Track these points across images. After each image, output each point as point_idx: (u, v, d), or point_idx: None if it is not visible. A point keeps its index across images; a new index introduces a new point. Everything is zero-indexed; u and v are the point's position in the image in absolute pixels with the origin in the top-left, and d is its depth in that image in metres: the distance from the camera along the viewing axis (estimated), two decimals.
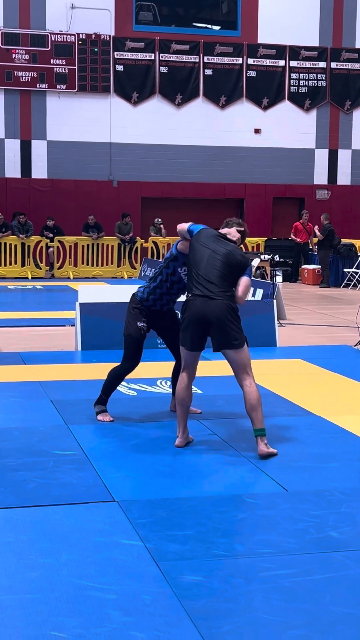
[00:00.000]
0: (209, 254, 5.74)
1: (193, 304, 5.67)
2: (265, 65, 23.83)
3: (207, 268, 5.69)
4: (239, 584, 3.77)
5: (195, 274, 5.73)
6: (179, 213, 22.92)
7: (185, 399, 5.87)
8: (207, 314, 5.61)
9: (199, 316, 5.64)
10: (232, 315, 5.68)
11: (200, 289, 5.67)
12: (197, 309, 5.64)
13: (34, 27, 22.25)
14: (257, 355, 9.69)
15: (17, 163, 22.56)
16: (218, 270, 5.68)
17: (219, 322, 5.62)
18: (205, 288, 5.65)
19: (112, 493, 4.90)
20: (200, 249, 5.79)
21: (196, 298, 5.66)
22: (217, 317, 5.60)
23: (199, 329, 5.69)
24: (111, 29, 22.72)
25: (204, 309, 5.62)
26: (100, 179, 22.96)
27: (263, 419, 5.71)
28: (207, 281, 5.65)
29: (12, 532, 4.31)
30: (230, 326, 5.66)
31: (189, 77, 23.39)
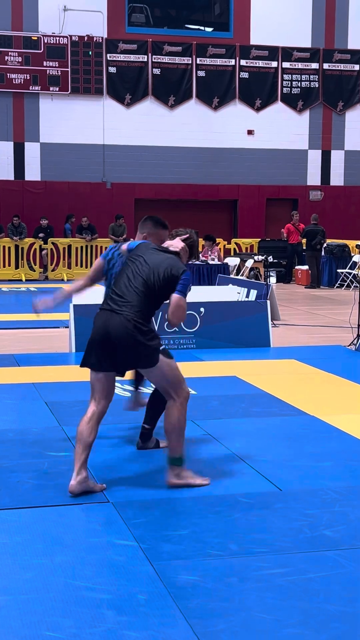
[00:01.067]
0: (133, 267, 5.03)
1: (96, 319, 4.99)
2: (257, 66, 23.88)
3: (122, 281, 5.00)
4: (234, 583, 3.78)
5: (112, 288, 5.08)
6: (173, 214, 22.93)
7: (84, 434, 4.92)
8: (109, 331, 4.86)
9: (100, 332, 4.90)
10: (138, 331, 4.84)
11: (109, 302, 4.98)
12: (99, 324, 4.93)
13: (27, 29, 22.26)
14: (251, 355, 9.74)
15: (10, 165, 22.56)
16: (134, 284, 4.94)
17: (121, 340, 4.83)
18: (113, 302, 4.94)
19: (107, 494, 4.90)
20: (126, 263, 5.14)
21: (100, 312, 4.98)
22: (117, 335, 4.84)
23: (101, 346, 4.89)
24: (104, 30, 22.74)
25: (106, 325, 4.88)
26: (93, 181, 22.97)
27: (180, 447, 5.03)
28: (118, 294, 4.95)
29: (6, 533, 4.32)
30: (135, 345, 4.85)
31: (182, 79, 23.42)
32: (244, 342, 10.24)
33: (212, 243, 17.70)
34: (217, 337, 10.19)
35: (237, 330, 10.29)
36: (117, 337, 4.82)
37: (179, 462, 4.99)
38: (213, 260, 16.87)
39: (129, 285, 4.93)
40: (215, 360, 9.43)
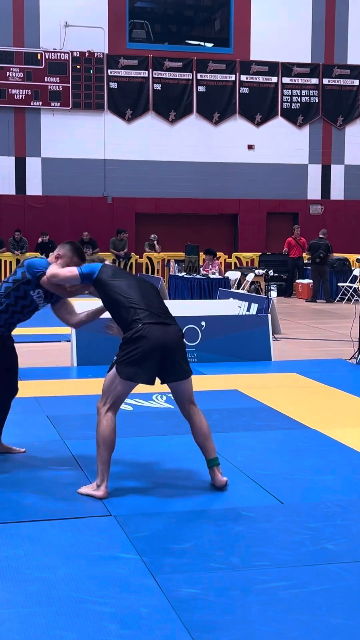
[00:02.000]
0: (134, 281, 5.31)
1: (149, 333, 5.00)
2: (258, 81, 24.00)
3: (145, 295, 5.20)
4: (236, 597, 3.79)
5: (135, 303, 5.10)
6: (174, 229, 23.07)
7: (114, 442, 5.11)
8: (167, 342, 5.06)
9: (158, 345, 5.01)
10: (184, 342, 5.33)
11: (151, 316, 5.08)
12: (156, 337, 5.01)
13: (28, 45, 22.40)
14: (252, 369, 9.75)
15: (11, 180, 22.64)
16: (156, 297, 5.31)
17: (179, 350, 5.16)
18: (157, 315, 5.12)
19: (109, 507, 4.91)
20: (120, 278, 5.26)
21: (151, 326, 5.03)
22: (177, 344, 5.14)
23: (157, 360, 5.06)
24: (105, 46, 22.88)
25: (163, 337, 5.05)
26: (94, 196, 23.05)
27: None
28: (156, 307, 5.18)
29: (9, 546, 4.32)
30: (185, 354, 5.27)
31: (183, 94, 23.54)
32: (245, 356, 10.25)
33: (212, 257, 17.76)
34: (218, 350, 10.21)
35: (238, 344, 10.31)
36: (177, 346, 5.16)
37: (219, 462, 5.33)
38: (214, 274, 16.92)
39: (154, 298, 5.25)
40: (217, 373, 9.44)
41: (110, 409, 5.10)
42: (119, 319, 5.14)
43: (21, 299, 5.55)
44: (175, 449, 6.22)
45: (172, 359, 5.11)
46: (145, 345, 4.98)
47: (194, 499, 5.09)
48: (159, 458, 5.99)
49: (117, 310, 5.14)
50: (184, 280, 16.76)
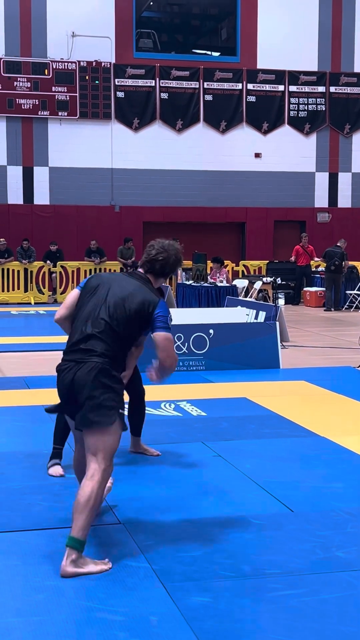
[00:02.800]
0: (93, 300, 4.32)
1: (59, 370, 4.40)
2: (264, 90, 24.03)
3: (84, 316, 4.31)
4: (246, 605, 3.76)
5: (74, 325, 4.40)
6: (181, 237, 23.01)
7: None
8: (68, 383, 4.27)
9: (61, 385, 4.34)
10: (100, 383, 4.17)
11: (69, 349, 4.35)
12: (60, 376, 4.35)
13: (35, 55, 22.47)
14: (261, 377, 9.74)
15: (19, 189, 22.69)
16: (103, 316, 4.25)
17: (81, 393, 4.20)
18: (75, 348, 4.28)
19: (118, 515, 4.90)
20: (86, 297, 4.39)
21: (61, 362, 4.38)
22: (80, 386, 4.20)
23: (66, 402, 4.36)
24: (112, 56, 22.94)
25: (66, 377, 4.29)
26: (102, 205, 23.08)
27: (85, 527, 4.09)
28: (83, 334, 4.27)
29: (18, 555, 4.31)
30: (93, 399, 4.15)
31: (189, 103, 23.58)
32: (253, 364, 10.23)
33: (220, 265, 17.76)
34: (227, 358, 10.20)
35: (247, 352, 10.29)
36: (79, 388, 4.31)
37: (78, 546, 4.06)
38: (221, 282, 16.91)
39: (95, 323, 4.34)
40: (225, 381, 9.42)
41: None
42: None
43: None
44: (184, 456, 6.21)
45: (78, 402, 4.21)
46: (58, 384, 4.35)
47: (203, 507, 5.07)
48: (167, 466, 5.97)
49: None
50: (191, 289, 16.76)
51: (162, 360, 4.30)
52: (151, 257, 4.46)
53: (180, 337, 9.98)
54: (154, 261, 4.46)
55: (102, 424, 4.12)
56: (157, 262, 4.45)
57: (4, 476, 5.72)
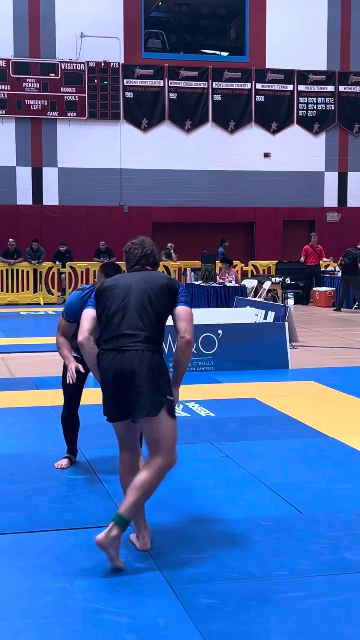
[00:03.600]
0: (112, 292, 4.45)
1: (102, 361, 4.34)
2: (273, 89, 24.00)
3: (116, 309, 4.37)
4: (254, 607, 3.75)
5: (106, 320, 4.40)
6: (190, 237, 23.08)
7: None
8: (117, 372, 4.25)
9: (108, 376, 4.30)
10: (154, 369, 4.24)
11: (110, 340, 4.33)
12: (105, 367, 4.30)
13: (44, 55, 22.51)
14: (270, 377, 9.71)
15: (28, 190, 22.73)
16: (137, 310, 4.35)
17: (134, 381, 4.23)
18: (115, 337, 4.30)
19: None
20: (105, 294, 4.48)
21: (105, 353, 4.32)
22: (131, 374, 4.22)
23: (115, 393, 4.30)
24: (120, 56, 22.95)
25: (113, 367, 4.27)
26: (111, 205, 23.09)
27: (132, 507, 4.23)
28: (120, 326, 4.32)
29: (25, 556, 4.31)
30: (146, 387, 4.21)
31: (198, 103, 23.57)
32: (262, 364, 10.22)
33: (229, 265, 17.73)
34: (235, 359, 10.18)
35: (255, 352, 10.27)
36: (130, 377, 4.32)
37: (121, 523, 4.14)
38: (230, 282, 16.89)
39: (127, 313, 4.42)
40: (234, 382, 9.41)
41: (120, 449, 4.54)
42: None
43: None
44: (193, 458, 6.20)
45: (127, 392, 4.25)
46: (102, 377, 4.34)
47: (211, 509, 5.06)
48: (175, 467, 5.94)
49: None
50: (200, 289, 16.74)
51: (183, 330, 4.39)
52: (144, 253, 4.63)
53: None
54: (147, 256, 4.64)
55: (154, 411, 4.21)
56: (149, 256, 4.64)
57: (12, 477, 5.73)
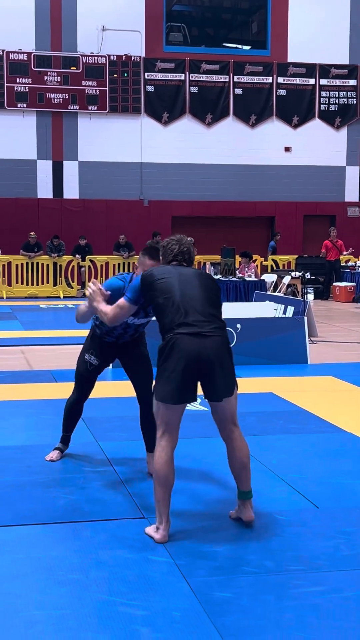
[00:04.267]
0: (177, 280, 4.60)
1: (181, 345, 4.41)
2: (295, 83, 23.88)
3: (188, 297, 4.54)
4: (270, 601, 3.74)
5: (173, 308, 4.50)
6: (210, 232, 23.03)
7: (169, 477, 4.45)
8: (202, 357, 4.42)
9: (190, 360, 4.41)
10: (230, 353, 4.60)
11: (186, 325, 4.45)
12: (187, 351, 4.40)
13: (66, 49, 22.52)
14: (288, 372, 9.68)
15: (49, 184, 22.77)
16: (204, 299, 4.59)
17: (217, 365, 4.47)
18: (193, 323, 4.46)
19: (142, 510, 4.89)
20: (163, 279, 4.59)
21: (183, 337, 4.42)
22: (215, 359, 4.46)
23: (192, 376, 4.45)
24: (142, 50, 22.92)
25: (197, 351, 4.41)
26: (131, 199, 23.09)
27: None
28: (196, 313, 4.50)
29: (42, 548, 4.32)
30: (227, 369, 4.55)
31: (219, 97, 23.51)
32: (280, 359, 10.19)
33: (248, 260, 17.70)
34: (254, 353, 10.15)
35: (274, 347, 10.24)
36: (216, 359, 4.49)
37: (252, 496, 4.68)
38: (250, 276, 16.85)
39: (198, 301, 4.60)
40: (252, 377, 9.38)
41: (163, 436, 4.49)
42: (160, 327, 4.59)
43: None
44: (209, 452, 6.18)
45: (208, 375, 4.47)
46: (176, 360, 4.40)
47: (228, 502, 5.04)
48: (192, 461, 5.95)
49: (158, 317, 4.58)
50: (220, 283, 16.71)
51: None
52: (181, 250, 4.83)
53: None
54: (183, 253, 4.84)
55: (233, 390, 4.61)
56: (185, 253, 4.85)
57: (30, 469, 5.74)
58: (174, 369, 4.40)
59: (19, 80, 22.40)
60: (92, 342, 5.74)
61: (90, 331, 5.80)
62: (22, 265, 21.07)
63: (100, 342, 5.68)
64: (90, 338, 5.77)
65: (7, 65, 22.29)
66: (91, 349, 5.74)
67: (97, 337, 5.70)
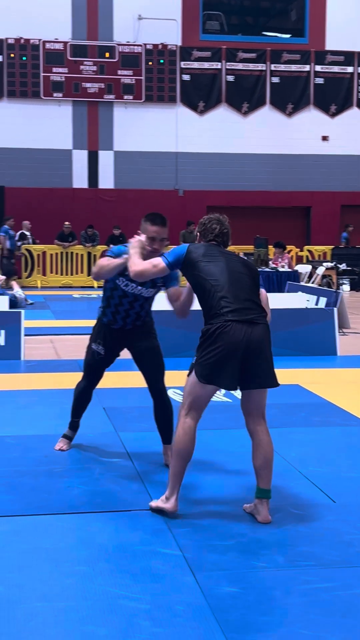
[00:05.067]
0: (225, 264, 4.61)
1: (231, 331, 4.41)
2: (333, 72, 23.61)
3: (235, 283, 4.55)
4: (277, 597, 3.67)
5: (221, 292, 4.50)
6: (245, 222, 22.84)
7: (191, 452, 4.59)
8: (249, 344, 4.44)
9: (238, 346, 4.42)
10: (268, 345, 4.61)
11: (237, 311, 4.46)
12: (237, 338, 4.41)
13: (102, 38, 22.49)
14: (316, 364, 9.57)
15: (84, 173, 22.81)
16: (249, 287, 4.61)
17: (261, 353, 4.52)
18: (243, 310, 4.48)
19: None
20: (210, 260, 4.61)
21: (234, 324, 4.42)
22: (260, 347, 4.49)
23: (238, 362, 4.47)
24: (178, 38, 22.81)
25: (246, 338, 4.44)
26: (166, 189, 23.02)
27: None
28: (244, 299, 4.52)
29: (50, 538, 4.29)
30: (268, 359, 4.60)
31: (256, 86, 23.32)
32: (309, 350, 10.06)
33: (282, 250, 17.53)
34: (283, 344, 10.01)
35: (303, 338, 10.11)
36: (261, 349, 4.51)
37: (271, 495, 4.62)
38: (283, 267, 16.69)
39: (244, 288, 4.59)
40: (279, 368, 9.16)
41: (189, 414, 4.55)
42: (203, 308, 4.56)
43: (114, 290, 5.45)
44: (228, 443, 6.12)
45: (252, 363, 4.48)
46: (224, 345, 4.40)
47: (241, 495, 4.97)
48: (209, 452, 5.88)
49: (202, 298, 4.56)
50: None
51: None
52: (221, 231, 4.82)
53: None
54: (223, 234, 4.83)
55: (272, 383, 4.67)
56: (226, 235, 4.84)
57: (48, 458, 5.72)
58: (221, 352, 4.41)
59: (55, 70, 22.44)
60: (98, 332, 5.66)
61: (97, 321, 5.73)
62: (56, 255, 21.14)
63: (107, 330, 5.60)
64: (97, 327, 5.70)
65: (44, 54, 22.34)
66: (98, 338, 5.65)
67: (104, 326, 5.62)
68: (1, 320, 10.06)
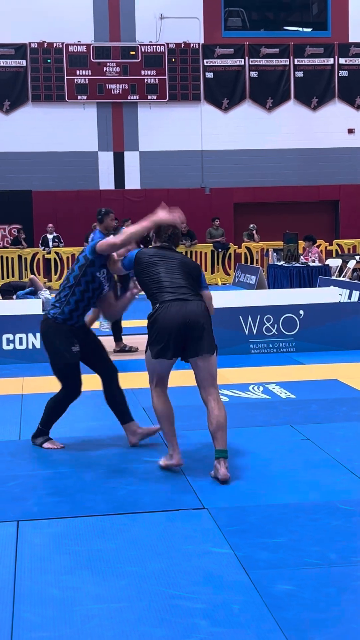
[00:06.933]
0: (163, 263, 5.41)
1: (168, 310, 5.20)
2: (357, 64, 23.44)
3: (171, 275, 5.35)
4: (332, 594, 3.64)
5: (158, 285, 5.33)
6: (272, 218, 22.79)
7: (170, 412, 5.40)
8: (186, 317, 5.17)
9: (177, 320, 5.16)
10: (209, 317, 5.29)
11: (170, 293, 5.27)
12: (172, 313, 5.18)
13: (124, 39, 22.50)
14: (353, 358, 9.49)
15: (110, 175, 22.83)
16: (182, 277, 5.36)
17: (198, 325, 5.18)
18: (177, 292, 5.26)
19: (202, 500, 4.82)
20: (151, 261, 5.42)
21: (170, 303, 5.21)
22: (196, 319, 5.17)
23: (177, 335, 5.18)
24: (200, 36, 22.77)
25: (182, 313, 5.18)
26: (192, 187, 22.99)
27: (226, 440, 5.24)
28: (177, 286, 5.30)
29: (100, 539, 4.29)
30: (208, 329, 5.22)
31: (280, 81, 23.22)
32: (345, 345, 9.99)
33: (312, 244, 17.42)
34: (318, 339, 9.98)
35: (338, 332, 10.04)
36: (197, 320, 5.18)
37: (227, 455, 5.22)
38: (313, 261, 16.60)
39: (178, 278, 5.36)
40: (316, 363, 9.22)
41: (157, 386, 5.42)
42: (150, 300, 5.40)
43: (91, 283, 5.77)
44: (272, 440, 6.09)
45: (190, 335, 5.18)
46: (162, 322, 5.18)
47: (289, 492, 4.95)
48: (254, 450, 5.86)
49: (148, 292, 5.42)
50: (283, 269, 16.51)
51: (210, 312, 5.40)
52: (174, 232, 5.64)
53: (270, 318, 9.82)
54: (175, 235, 5.65)
55: (212, 350, 5.24)
56: (176, 235, 5.67)
57: (91, 459, 5.72)
58: (160, 329, 5.20)
59: (78, 73, 22.49)
60: (65, 336, 5.78)
61: (54, 325, 5.80)
62: None
63: (71, 330, 5.80)
64: (61, 334, 5.79)
65: (67, 57, 22.39)
66: (68, 340, 5.78)
67: (65, 329, 5.78)
68: (36, 324, 10.06)
